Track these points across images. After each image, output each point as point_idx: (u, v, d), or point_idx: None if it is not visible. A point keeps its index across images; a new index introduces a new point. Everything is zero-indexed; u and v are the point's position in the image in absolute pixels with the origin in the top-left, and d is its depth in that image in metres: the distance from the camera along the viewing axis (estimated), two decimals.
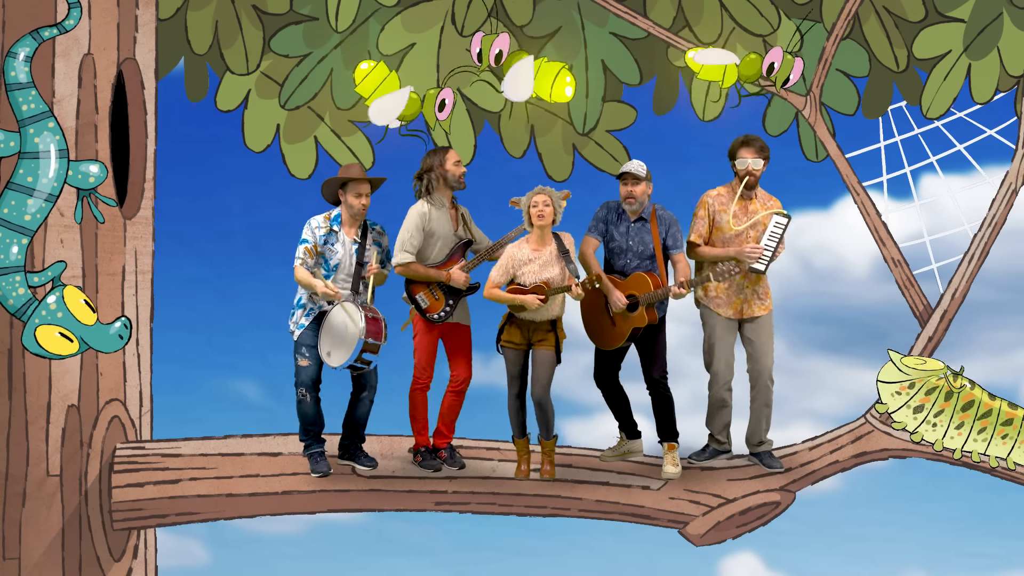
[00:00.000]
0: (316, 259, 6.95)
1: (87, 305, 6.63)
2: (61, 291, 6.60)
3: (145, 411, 7.51)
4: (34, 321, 6.59)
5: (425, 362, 7.07)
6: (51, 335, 6.61)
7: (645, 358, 7.12)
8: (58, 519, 7.09)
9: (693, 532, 7.13)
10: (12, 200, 6.73)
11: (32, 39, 6.81)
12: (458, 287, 7.04)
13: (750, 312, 7.19)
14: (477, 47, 7.47)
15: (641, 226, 7.11)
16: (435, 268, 7.06)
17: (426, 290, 7.06)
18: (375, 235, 7.08)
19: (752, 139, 7.18)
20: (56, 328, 6.60)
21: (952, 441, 7.33)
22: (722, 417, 7.32)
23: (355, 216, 6.96)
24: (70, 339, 6.62)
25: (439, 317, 7.04)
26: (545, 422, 7.01)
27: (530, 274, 6.94)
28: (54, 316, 6.61)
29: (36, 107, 6.82)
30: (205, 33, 7.60)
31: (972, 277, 7.65)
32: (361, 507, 7.11)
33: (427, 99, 7.53)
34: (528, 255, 6.98)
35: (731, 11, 7.73)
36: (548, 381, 6.94)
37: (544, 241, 6.98)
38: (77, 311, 6.60)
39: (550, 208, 6.91)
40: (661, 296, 6.95)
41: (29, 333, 6.57)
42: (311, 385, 6.99)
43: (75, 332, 6.60)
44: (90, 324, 6.61)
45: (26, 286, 6.66)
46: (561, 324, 7.03)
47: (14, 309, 6.63)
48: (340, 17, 7.54)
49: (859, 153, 7.86)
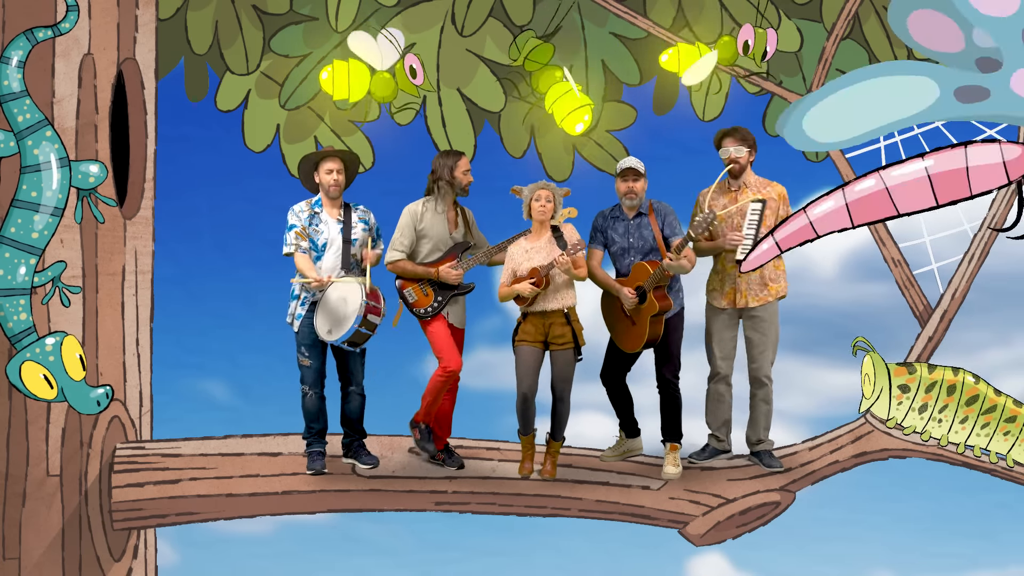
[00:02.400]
0: (308, 241, 6.95)
1: (80, 361, 6.54)
2: (61, 339, 6.50)
3: (145, 411, 7.52)
4: (24, 355, 6.49)
5: (447, 350, 6.98)
6: (35, 374, 6.49)
7: (660, 356, 7.14)
8: (58, 519, 7.09)
9: (693, 532, 7.13)
10: (19, 218, 6.60)
11: (26, 40, 6.68)
12: (447, 282, 7.03)
13: (744, 302, 7.16)
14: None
15: (640, 222, 7.12)
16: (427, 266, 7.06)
17: (415, 285, 7.06)
18: (360, 213, 7.09)
19: (735, 129, 7.19)
20: (42, 369, 6.51)
21: (955, 435, 7.33)
22: (719, 412, 7.30)
23: (330, 195, 6.97)
24: (51, 385, 6.54)
25: (426, 312, 7.03)
26: (559, 421, 7.01)
27: (525, 263, 6.97)
28: (45, 358, 6.50)
29: (32, 117, 6.66)
30: (205, 33, 7.61)
31: (972, 277, 7.65)
32: (361, 507, 7.11)
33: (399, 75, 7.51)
34: (524, 247, 7.02)
35: (731, 11, 7.74)
36: (570, 377, 6.95)
37: (541, 233, 7.02)
38: (69, 364, 6.51)
39: (551, 204, 6.95)
40: (660, 274, 6.95)
41: (15, 364, 6.47)
42: (313, 383, 7.00)
43: (58, 381, 6.51)
44: (76, 380, 6.54)
45: (29, 311, 6.57)
46: (576, 315, 7.03)
47: (11, 333, 6.52)
48: (340, 17, 7.55)
49: (859, 153, 7.86)
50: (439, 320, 7.06)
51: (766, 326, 7.17)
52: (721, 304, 7.20)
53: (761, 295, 7.17)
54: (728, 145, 7.13)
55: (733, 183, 7.18)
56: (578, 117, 7.55)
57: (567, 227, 7.04)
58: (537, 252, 6.98)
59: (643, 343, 7.04)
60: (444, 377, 6.97)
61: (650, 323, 7.00)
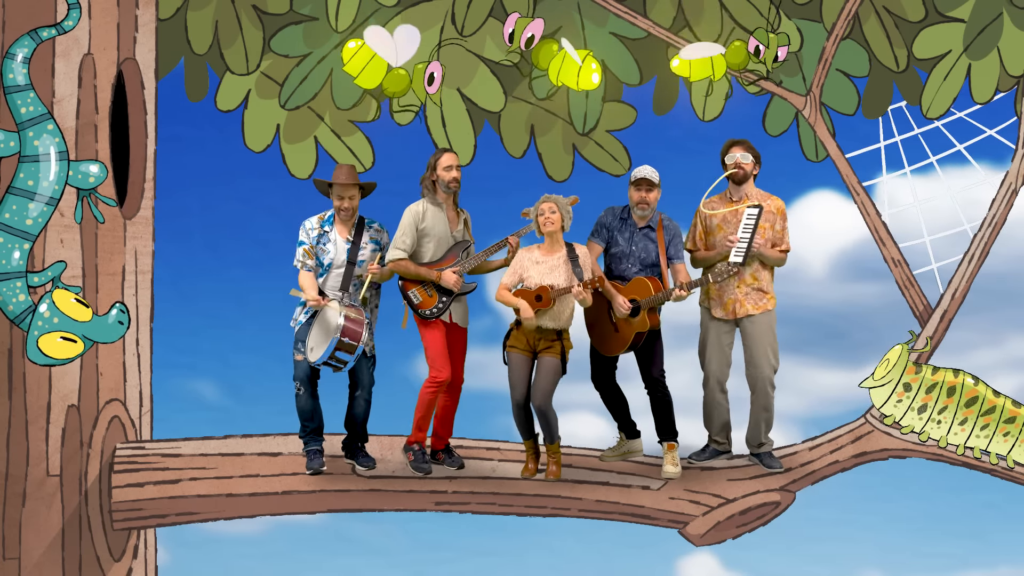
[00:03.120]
0: (314, 259, 6.98)
1: (79, 302, 6.58)
2: (50, 296, 6.55)
3: (145, 411, 7.51)
4: (33, 333, 6.54)
5: (439, 361, 7.00)
6: (53, 342, 6.57)
7: (643, 358, 7.13)
8: (58, 519, 7.09)
9: (693, 532, 7.13)
10: (13, 204, 6.69)
11: (31, 39, 6.76)
12: (448, 288, 7.03)
13: (744, 311, 7.17)
14: (510, 27, 7.44)
15: (646, 233, 7.13)
16: (429, 267, 7.06)
17: (419, 287, 7.06)
18: (372, 232, 7.09)
19: (744, 140, 7.24)
20: (56, 334, 6.56)
21: (955, 437, 7.33)
22: (718, 418, 7.32)
23: (341, 219, 6.99)
24: (73, 340, 6.59)
25: (431, 313, 7.03)
26: (548, 429, 7.00)
27: (536, 276, 6.95)
28: (50, 322, 6.56)
29: (35, 109, 6.78)
30: (205, 33, 7.60)
31: (972, 277, 7.64)
32: (361, 507, 7.11)
33: (416, 74, 7.50)
34: (537, 258, 7.00)
35: (731, 11, 7.74)
36: (550, 389, 6.93)
37: (554, 248, 6.99)
38: (71, 311, 6.56)
39: (556, 215, 6.92)
40: (662, 299, 6.97)
41: (32, 345, 6.52)
42: (305, 379, 6.99)
43: (76, 332, 6.56)
44: (87, 320, 6.56)
45: (27, 292, 6.62)
46: (568, 335, 7.03)
47: (13, 315, 6.59)
48: (340, 17, 7.54)
49: (859, 153, 7.87)
50: (438, 326, 7.05)
51: (763, 332, 7.16)
52: (719, 314, 7.22)
53: (760, 303, 7.18)
54: (735, 152, 7.16)
55: (735, 192, 7.20)
56: (588, 70, 7.46)
57: (582, 249, 7.01)
58: (551, 270, 6.95)
59: (622, 351, 7.05)
60: (434, 387, 6.98)
61: (634, 336, 7.00)
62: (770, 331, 7.18)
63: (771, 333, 7.19)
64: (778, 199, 7.25)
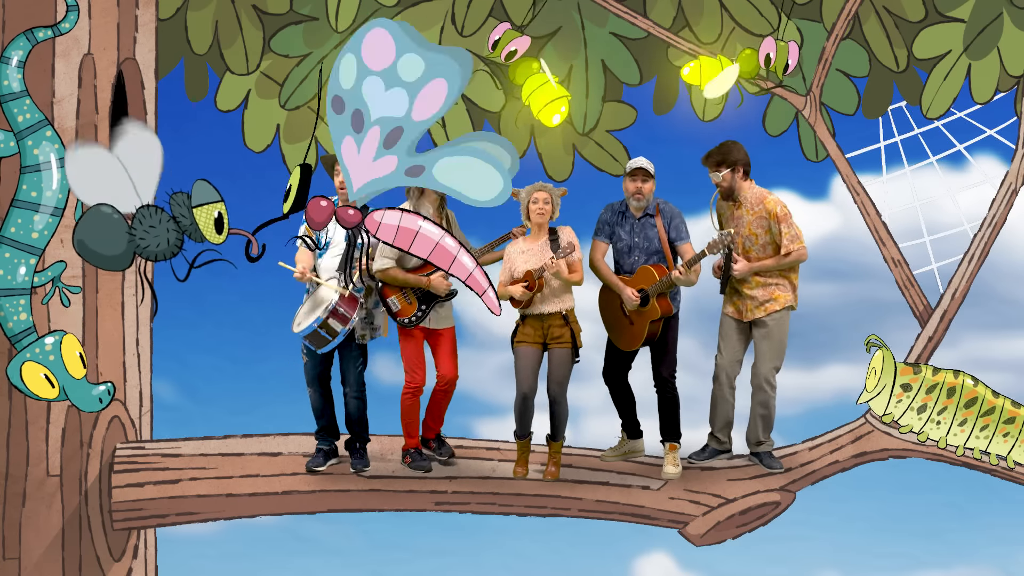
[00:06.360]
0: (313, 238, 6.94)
1: (80, 359, 6.50)
2: (60, 337, 6.46)
3: (145, 411, 7.52)
4: (24, 355, 6.46)
5: (413, 364, 7.02)
6: (36, 374, 6.45)
7: (656, 355, 7.15)
8: (58, 519, 7.09)
9: (693, 532, 7.13)
10: (19, 218, 6.57)
11: (26, 40, 6.66)
12: (437, 293, 7.00)
13: (751, 315, 7.18)
14: (497, 35, 7.37)
15: (646, 222, 7.14)
16: (417, 272, 7.02)
17: (399, 294, 7.01)
18: None
19: (708, 155, 7.18)
20: (43, 369, 6.48)
21: (955, 438, 7.33)
22: (721, 414, 7.32)
23: (343, 198, 6.94)
24: (52, 384, 6.50)
25: (409, 322, 6.99)
26: (557, 422, 7.02)
27: (522, 265, 7.00)
28: (46, 358, 6.46)
29: (32, 117, 6.62)
30: (205, 33, 7.60)
31: (972, 277, 7.65)
32: (361, 507, 7.11)
33: None
34: (522, 247, 7.06)
35: (731, 11, 7.74)
36: (565, 379, 6.96)
37: (539, 236, 7.05)
38: (69, 362, 6.47)
39: (550, 206, 6.99)
40: (668, 283, 6.97)
41: (15, 365, 6.44)
42: (314, 380, 7.02)
43: (59, 380, 6.47)
44: (76, 378, 6.50)
45: (29, 311, 6.54)
46: (574, 316, 7.04)
47: (11, 333, 6.50)
48: (340, 17, 7.55)
49: (859, 153, 7.87)
50: (414, 332, 7.04)
51: (769, 333, 7.16)
52: (730, 312, 7.23)
53: (765, 305, 7.17)
54: (709, 170, 7.15)
55: (722, 203, 7.22)
56: (555, 109, 7.42)
57: (565, 230, 7.05)
58: (533, 255, 7.00)
59: (640, 343, 7.06)
60: (410, 392, 6.99)
61: (649, 326, 7.02)
62: (777, 330, 7.17)
63: (778, 332, 7.18)
64: (772, 200, 7.16)
